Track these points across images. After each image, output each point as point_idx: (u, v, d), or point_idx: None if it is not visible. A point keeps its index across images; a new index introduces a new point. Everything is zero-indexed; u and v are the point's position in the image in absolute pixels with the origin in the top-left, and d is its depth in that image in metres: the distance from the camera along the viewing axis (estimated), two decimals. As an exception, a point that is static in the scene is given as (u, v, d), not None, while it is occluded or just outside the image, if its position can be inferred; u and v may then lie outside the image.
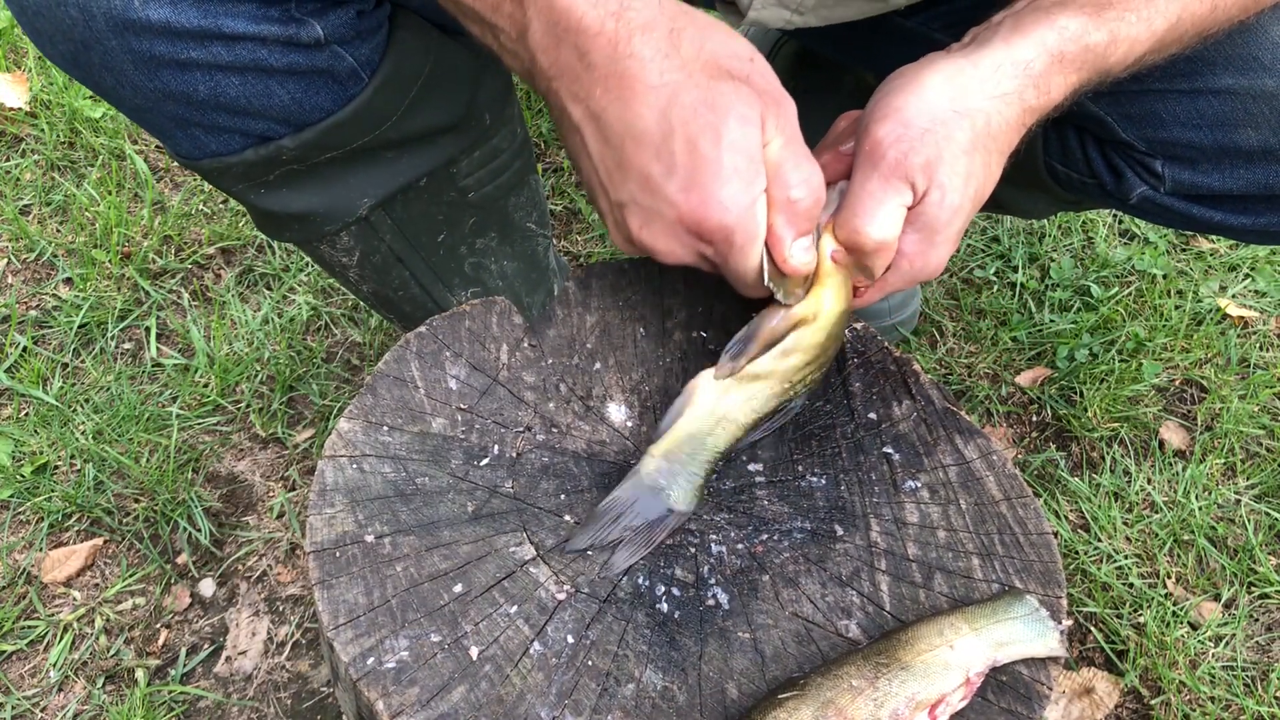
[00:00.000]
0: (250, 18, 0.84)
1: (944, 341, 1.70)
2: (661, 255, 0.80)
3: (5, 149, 1.89)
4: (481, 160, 1.08)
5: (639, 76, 0.73)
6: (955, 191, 0.81)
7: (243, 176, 0.96)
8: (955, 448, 0.87)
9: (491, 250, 1.14)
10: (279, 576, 1.40)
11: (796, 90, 1.69)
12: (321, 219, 1.02)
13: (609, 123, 0.76)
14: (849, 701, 0.68)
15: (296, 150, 0.93)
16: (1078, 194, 1.18)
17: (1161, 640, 1.36)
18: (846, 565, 0.80)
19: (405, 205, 1.05)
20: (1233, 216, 1.07)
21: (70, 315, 1.63)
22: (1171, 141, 1.03)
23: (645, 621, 0.75)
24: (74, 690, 1.29)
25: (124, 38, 0.82)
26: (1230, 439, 1.60)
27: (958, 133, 0.82)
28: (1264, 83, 0.97)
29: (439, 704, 0.68)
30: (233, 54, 0.85)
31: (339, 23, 0.89)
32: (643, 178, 0.76)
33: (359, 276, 1.11)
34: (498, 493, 0.81)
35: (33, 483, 1.44)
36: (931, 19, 1.16)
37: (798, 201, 0.77)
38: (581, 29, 0.73)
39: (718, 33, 0.77)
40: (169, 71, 0.84)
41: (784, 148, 0.77)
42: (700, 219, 0.75)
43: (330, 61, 0.90)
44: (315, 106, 0.92)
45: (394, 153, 1.00)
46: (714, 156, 0.74)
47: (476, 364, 0.88)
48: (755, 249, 0.78)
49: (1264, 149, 0.99)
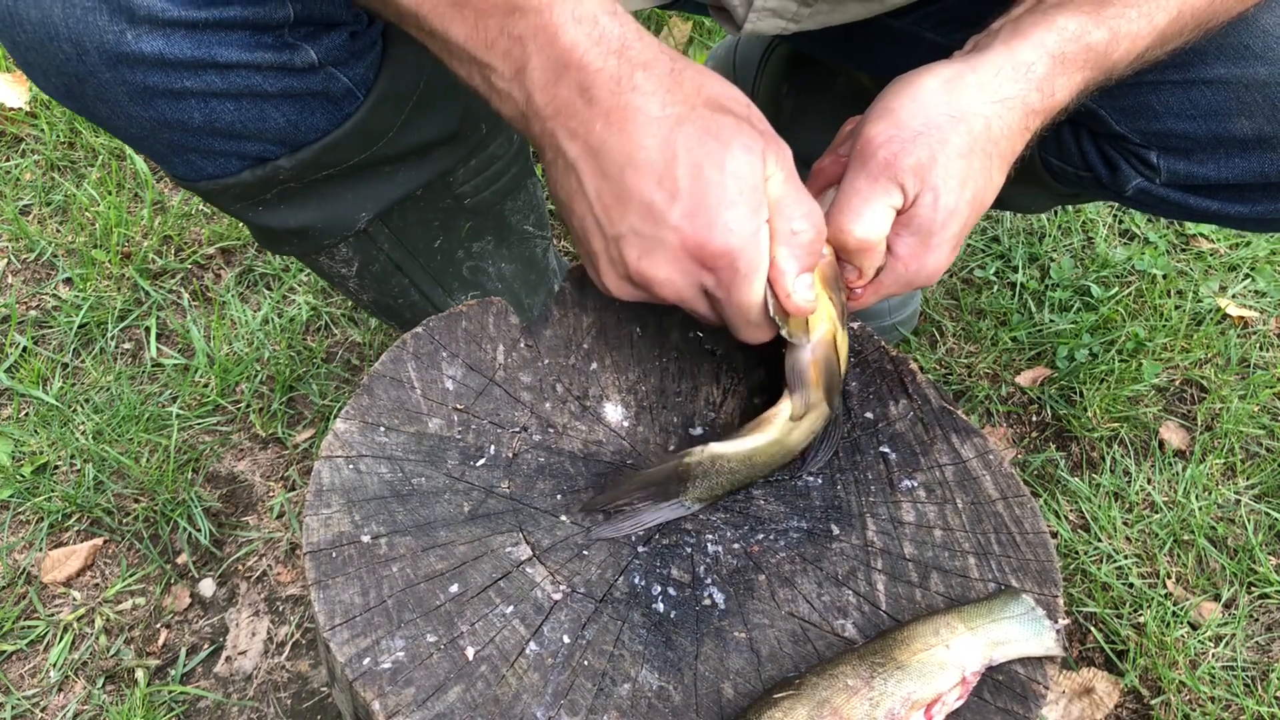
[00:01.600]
0: (243, 46, 0.84)
1: (944, 341, 1.70)
2: (660, 286, 0.78)
3: (5, 149, 1.90)
4: (478, 168, 1.08)
5: (642, 109, 0.73)
6: (949, 194, 0.81)
7: (240, 196, 0.96)
8: (952, 447, 0.87)
9: (489, 253, 1.14)
10: (279, 576, 1.40)
11: (790, 92, 1.69)
12: (320, 233, 1.02)
13: (609, 154, 0.75)
14: (845, 701, 0.69)
15: (293, 170, 0.93)
16: (1074, 187, 1.18)
17: (1161, 640, 1.36)
18: (843, 565, 0.80)
19: (402, 214, 1.05)
20: (1230, 205, 1.07)
21: (70, 315, 1.64)
22: (1166, 133, 1.03)
23: (641, 621, 0.75)
24: (74, 690, 1.29)
25: (118, 70, 0.81)
26: (1230, 439, 1.60)
27: (953, 136, 0.81)
28: (1256, 71, 0.97)
29: (435, 704, 0.68)
30: (227, 82, 0.85)
31: (332, 45, 0.88)
32: (644, 206, 0.75)
33: (359, 286, 1.12)
34: (494, 493, 0.81)
35: (33, 483, 1.44)
36: (922, 19, 1.17)
37: (800, 234, 0.77)
38: (583, 66, 0.73)
39: (715, 78, 0.77)
40: (163, 101, 0.84)
41: (785, 183, 0.77)
42: (704, 242, 0.74)
43: (325, 84, 0.90)
44: (311, 127, 0.92)
45: (391, 167, 1.00)
46: (718, 181, 0.73)
47: (473, 364, 0.88)
48: (759, 279, 0.77)
49: (1259, 137, 0.99)
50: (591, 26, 0.73)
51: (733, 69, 1.77)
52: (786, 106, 1.62)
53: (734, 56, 1.76)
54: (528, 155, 1.15)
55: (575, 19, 0.73)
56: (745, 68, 1.73)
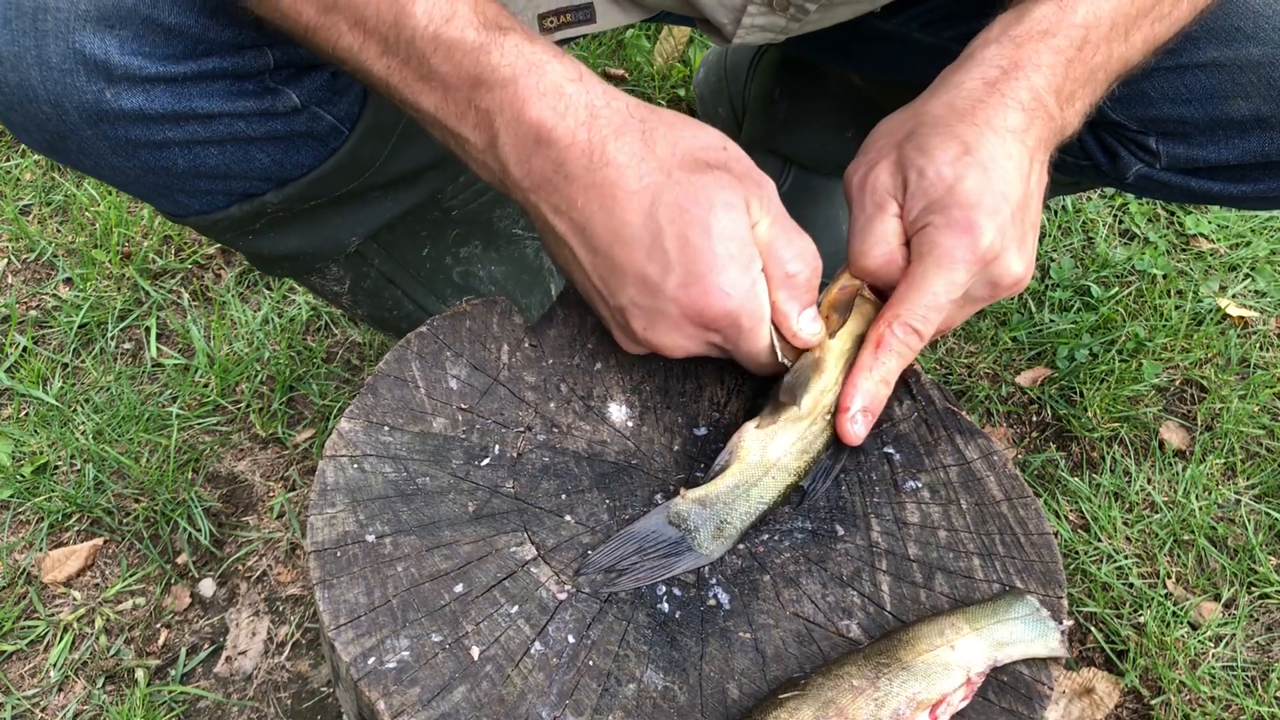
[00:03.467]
0: (224, 95, 0.83)
1: (944, 341, 1.70)
2: (670, 352, 0.80)
3: (5, 149, 1.89)
4: (466, 184, 1.08)
5: (618, 183, 0.73)
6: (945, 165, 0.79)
7: (230, 229, 0.95)
8: (956, 448, 0.87)
9: (477, 257, 1.14)
10: (279, 576, 1.40)
11: (782, 96, 1.69)
12: (311, 257, 1.02)
13: (595, 232, 0.75)
14: (850, 701, 0.69)
15: (280, 203, 0.93)
16: (1074, 176, 1.18)
17: (1161, 640, 1.36)
18: (847, 565, 0.80)
19: (390, 230, 1.05)
20: (1231, 186, 1.07)
21: (70, 315, 1.63)
22: (1162, 118, 1.03)
23: (646, 621, 0.75)
24: (74, 690, 1.29)
25: (99, 127, 0.81)
26: (1230, 439, 1.60)
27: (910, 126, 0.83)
28: (1249, 52, 0.97)
29: (440, 704, 0.68)
30: (210, 130, 0.84)
31: (314, 86, 0.88)
32: (639, 280, 0.76)
33: (352, 302, 1.11)
34: (498, 493, 0.81)
35: (33, 483, 1.44)
36: (910, 19, 1.17)
37: (795, 275, 0.78)
38: (553, 141, 0.73)
39: (688, 127, 0.77)
40: (146, 151, 0.84)
41: (772, 226, 0.77)
42: (702, 309, 0.76)
43: (309, 124, 0.89)
44: (296, 164, 0.91)
45: (380, 192, 1.00)
46: (706, 247, 0.74)
47: (477, 364, 0.88)
48: (763, 329, 0.79)
49: (1256, 117, 0.99)
50: (557, 99, 0.73)
51: (723, 76, 1.77)
52: (779, 111, 1.62)
53: (724, 64, 1.76)
54: None
55: (540, 92, 0.72)
56: (735, 74, 1.73)
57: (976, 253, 0.78)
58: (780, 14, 0.99)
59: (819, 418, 0.83)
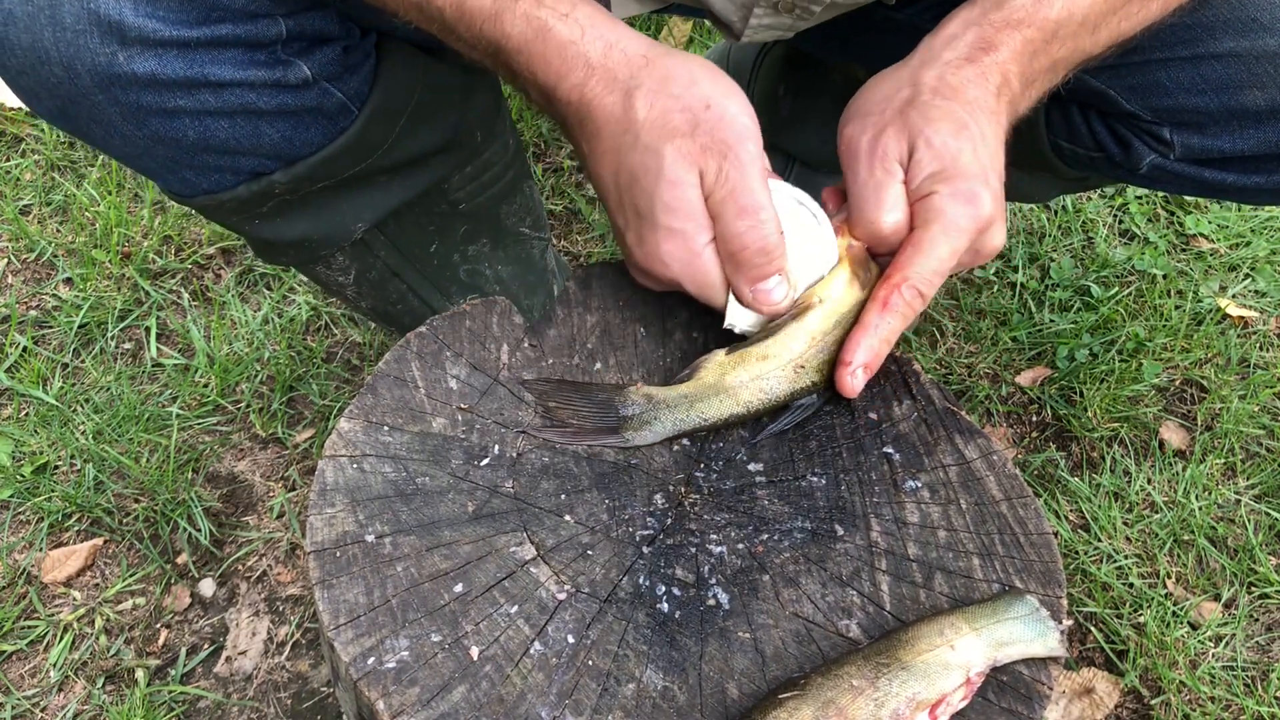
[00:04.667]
0: (236, 64, 0.83)
1: (944, 341, 1.70)
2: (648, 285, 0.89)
3: (5, 149, 1.89)
4: (473, 174, 1.08)
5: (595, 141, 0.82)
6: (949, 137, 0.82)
7: (236, 210, 0.95)
8: (955, 448, 0.87)
9: (484, 256, 1.14)
10: (279, 576, 1.40)
11: (787, 93, 1.69)
12: (316, 244, 1.02)
13: (591, 174, 0.85)
14: (850, 701, 0.69)
15: (288, 183, 0.93)
16: (1085, 169, 1.18)
17: (1161, 640, 1.36)
18: (847, 565, 0.80)
19: (397, 221, 1.05)
20: (1245, 177, 1.07)
21: (70, 315, 1.63)
22: (1177, 109, 1.04)
23: (646, 621, 0.75)
24: (74, 690, 1.29)
25: (110, 91, 0.81)
26: (1230, 439, 1.60)
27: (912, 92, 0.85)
28: (1265, 43, 0.98)
29: (439, 704, 0.68)
30: (220, 100, 0.85)
31: (326, 60, 0.88)
32: (614, 225, 0.86)
33: (356, 293, 1.11)
34: (498, 493, 0.81)
35: (33, 483, 1.44)
36: (922, 10, 1.17)
37: (741, 251, 0.81)
38: (554, 100, 0.82)
39: (677, 84, 0.81)
40: (157, 119, 0.84)
41: (725, 199, 0.80)
42: (648, 270, 0.84)
43: (319, 99, 0.90)
44: (306, 142, 0.91)
45: (386, 177, 1.00)
46: (650, 218, 0.80)
47: (477, 364, 0.88)
48: (715, 292, 0.84)
49: (1271, 108, 1.00)
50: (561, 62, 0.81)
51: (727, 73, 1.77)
52: (783, 108, 1.62)
53: (728, 61, 1.76)
54: (524, 159, 1.15)
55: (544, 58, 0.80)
56: (739, 71, 1.73)
57: (978, 221, 0.82)
58: (786, 14, 1.00)
59: (787, 365, 0.85)
